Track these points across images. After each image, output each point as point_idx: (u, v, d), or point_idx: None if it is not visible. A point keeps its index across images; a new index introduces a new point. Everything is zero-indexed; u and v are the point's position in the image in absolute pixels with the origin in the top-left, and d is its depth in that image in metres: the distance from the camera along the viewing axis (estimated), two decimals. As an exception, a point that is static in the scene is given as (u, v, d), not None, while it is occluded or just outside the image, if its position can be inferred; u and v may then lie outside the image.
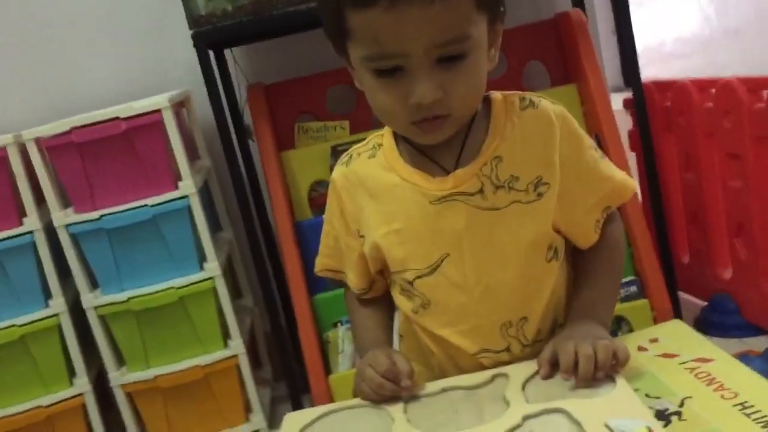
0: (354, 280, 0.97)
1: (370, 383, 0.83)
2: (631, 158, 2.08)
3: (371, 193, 0.90)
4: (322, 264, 1.01)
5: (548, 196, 0.85)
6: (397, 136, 0.89)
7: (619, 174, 0.91)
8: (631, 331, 1.74)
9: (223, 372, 1.88)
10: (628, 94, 2.01)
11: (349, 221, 0.93)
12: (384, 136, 0.91)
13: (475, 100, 0.82)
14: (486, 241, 0.85)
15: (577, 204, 0.87)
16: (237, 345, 1.88)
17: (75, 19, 2.13)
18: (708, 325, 2.01)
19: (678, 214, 2.17)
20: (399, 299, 0.94)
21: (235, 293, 2.13)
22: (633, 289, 1.87)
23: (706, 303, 2.08)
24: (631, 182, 0.92)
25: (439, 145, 0.85)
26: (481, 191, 0.84)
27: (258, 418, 1.92)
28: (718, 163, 1.96)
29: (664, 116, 2.12)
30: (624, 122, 2.14)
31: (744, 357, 1.78)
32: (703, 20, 3.35)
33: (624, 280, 1.87)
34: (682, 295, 2.06)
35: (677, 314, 1.90)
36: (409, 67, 0.76)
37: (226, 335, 1.89)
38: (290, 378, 1.96)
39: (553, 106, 0.87)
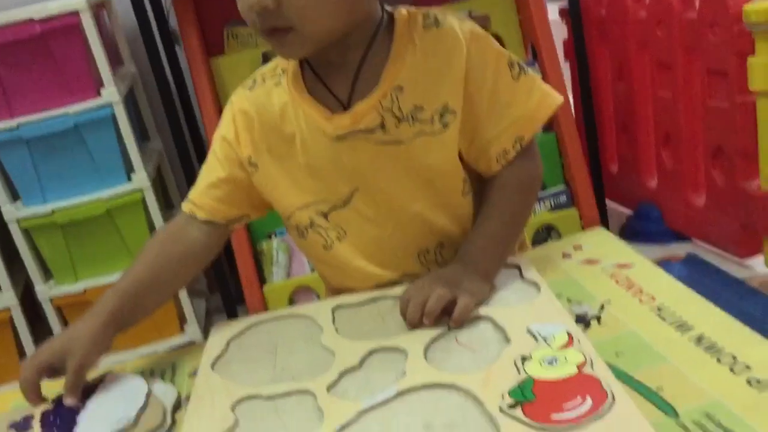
0: (209, 203, 0.86)
1: (22, 374, 0.75)
2: (566, 68, 2.09)
3: (276, 124, 0.83)
4: (195, 196, 0.88)
5: (454, 125, 0.79)
6: (302, 61, 0.83)
7: (537, 96, 0.82)
8: (560, 238, 1.79)
9: (155, 284, 1.86)
10: (564, 3, 1.99)
11: (242, 147, 0.85)
12: (290, 61, 0.84)
13: (323, 18, 0.73)
14: (393, 176, 0.81)
15: (481, 130, 0.80)
16: (169, 257, 1.85)
17: None
18: (633, 232, 2.08)
19: (609, 124, 2.20)
20: (308, 240, 0.87)
21: (166, 204, 2.09)
22: (563, 198, 1.91)
23: (632, 211, 2.15)
24: (551, 101, 0.83)
25: (335, 71, 0.79)
26: (382, 126, 0.79)
27: (193, 329, 1.92)
28: (650, 74, 1.98)
29: (598, 26, 2.11)
30: (560, 31, 2.13)
31: (666, 263, 1.86)
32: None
33: (554, 189, 1.90)
34: (610, 204, 2.12)
35: (604, 222, 1.95)
36: None
37: (157, 247, 1.86)
38: (224, 289, 1.96)
39: (461, 23, 0.80)
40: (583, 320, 0.73)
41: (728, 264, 1.80)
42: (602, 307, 0.75)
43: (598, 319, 0.73)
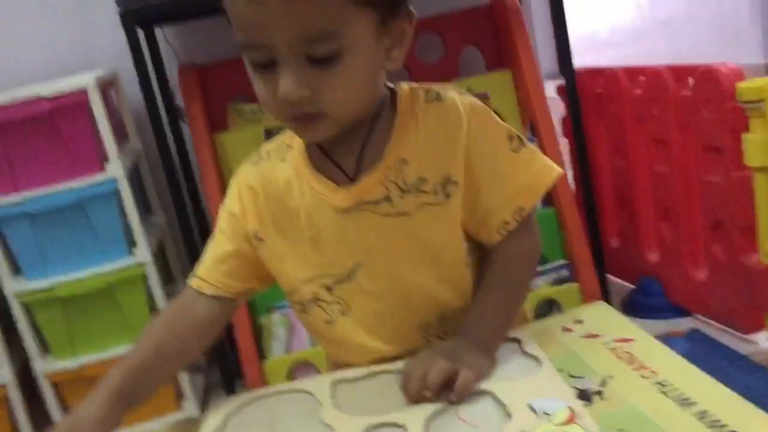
0: (217, 278, 0.87)
1: None
2: (564, 144, 2.12)
3: (281, 198, 0.85)
4: (204, 270, 0.88)
5: (456, 195, 0.81)
6: None
7: (536, 167, 0.84)
8: (561, 312, 1.77)
9: (153, 359, 1.85)
10: (562, 81, 2.04)
11: (248, 221, 0.86)
12: (293, 137, 0.85)
13: (353, 103, 0.76)
14: (397, 248, 0.82)
15: (482, 200, 0.82)
16: (168, 331, 1.84)
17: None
18: (635, 307, 2.07)
19: (608, 199, 2.22)
20: (310, 315, 0.88)
21: (167, 279, 2.09)
22: (563, 272, 1.91)
23: (633, 286, 2.14)
24: (550, 173, 0.85)
25: (341, 146, 0.81)
26: (387, 198, 0.81)
27: (191, 406, 1.89)
28: (646, 149, 2.01)
29: (595, 103, 2.16)
30: (558, 108, 2.18)
31: (668, 338, 1.84)
32: (636, 10, 3.43)
33: (554, 264, 1.91)
34: (611, 278, 2.12)
35: (606, 297, 1.95)
36: (279, 60, 0.72)
37: (157, 322, 1.85)
38: (223, 364, 1.94)
39: (461, 98, 0.83)
40: (584, 395, 0.72)
41: (732, 339, 1.79)
42: (604, 382, 0.74)
43: (600, 394, 0.72)
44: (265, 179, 0.86)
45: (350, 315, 0.86)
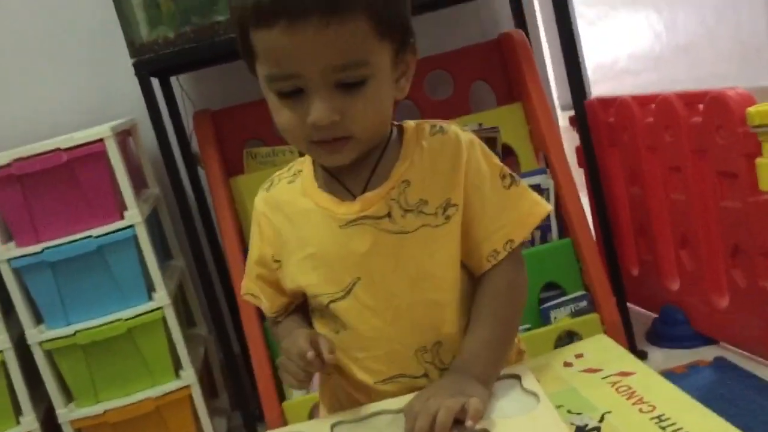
0: (267, 304, 0.96)
1: (297, 359, 0.83)
2: (580, 174, 2.11)
3: (289, 218, 0.90)
4: (246, 288, 0.99)
5: (456, 218, 0.85)
6: (315, 162, 0.90)
7: (526, 204, 0.89)
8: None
9: (175, 403, 1.85)
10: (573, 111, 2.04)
11: (266, 246, 0.93)
12: (305, 163, 0.92)
13: (376, 125, 0.82)
14: (394, 265, 0.85)
15: (474, 228, 0.86)
16: (189, 375, 1.85)
17: (15, 49, 2.11)
18: (659, 336, 2.03)
19: (626, 228, 2.20)
20: (316, 324, 0.93)
21: (189, 322, 2.11)
22: (583, 303, 1.89)
23: (656, 315, 2.11)
24: (540, 210, 0.89)
25: (350, 171, 0.85)
26: (389, 215, 0.84)
27: (214, 449, 1.89)
28: (661, 177, 1.99)
29: (608, 132, 2.15)
30: (573, 139, 2.17)
31: (694, 367, 1.80)
32: (654, 37, 3.43)
33: (573, 295, 1.88)
34: (633, 308, 2.09)
35: (627, 327, 1.92)
36: (308, 88, 0.77)
37: (177, 365, 1.86)
38: (245, 406, 1.94)
39: (462, 132, 0.89)
40: (582, 432, 0.71)
41: (758, 367, 1.74)
42: (602, 418, 0.73)
43: (598, 430, 0.71)
44: (274, 201, 0.91)
45: (348, 332, 0.88)
